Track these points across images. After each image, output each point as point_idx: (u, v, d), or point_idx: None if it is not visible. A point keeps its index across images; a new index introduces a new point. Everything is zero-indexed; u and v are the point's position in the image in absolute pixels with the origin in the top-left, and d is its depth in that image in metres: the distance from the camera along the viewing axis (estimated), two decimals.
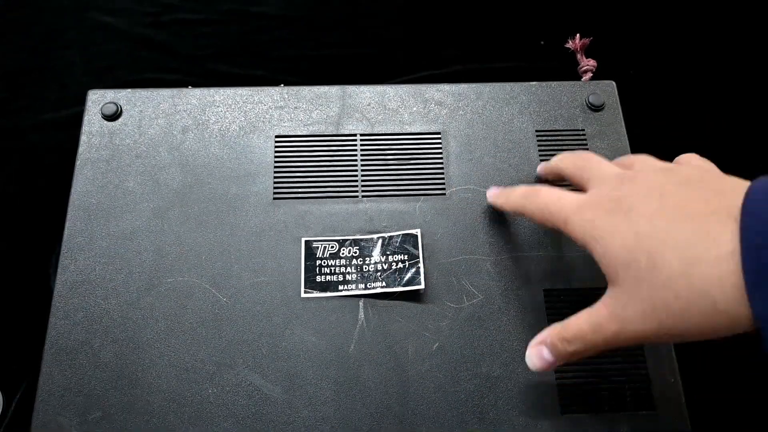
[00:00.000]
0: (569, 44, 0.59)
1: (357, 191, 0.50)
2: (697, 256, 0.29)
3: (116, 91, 0.53)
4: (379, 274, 0.46)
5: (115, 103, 0.52)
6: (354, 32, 0.72)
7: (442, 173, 0.50)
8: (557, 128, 0.52)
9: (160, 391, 0.43)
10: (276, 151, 0.51)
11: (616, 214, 0.34)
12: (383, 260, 0.47)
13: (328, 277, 0.46)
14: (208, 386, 0.43)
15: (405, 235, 0.47)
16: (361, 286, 0.46)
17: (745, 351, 0.56)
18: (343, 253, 0.47)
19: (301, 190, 0.50)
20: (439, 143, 0.52)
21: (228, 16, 0.73)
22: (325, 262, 0.47)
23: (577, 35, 0.58)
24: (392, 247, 0.47)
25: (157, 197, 0.49)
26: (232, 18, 0.73)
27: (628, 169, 0.38)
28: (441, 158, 0.51)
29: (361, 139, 0.52)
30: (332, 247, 0.47)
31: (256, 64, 0.70)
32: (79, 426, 0.42)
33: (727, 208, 0.30)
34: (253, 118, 0.52)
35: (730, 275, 0.28)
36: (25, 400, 0.52)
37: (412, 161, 0.51)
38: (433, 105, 0.53)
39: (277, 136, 0.52)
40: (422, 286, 0.46)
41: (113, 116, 0.52)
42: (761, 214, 0.28)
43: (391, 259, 0.47)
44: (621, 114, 0.53)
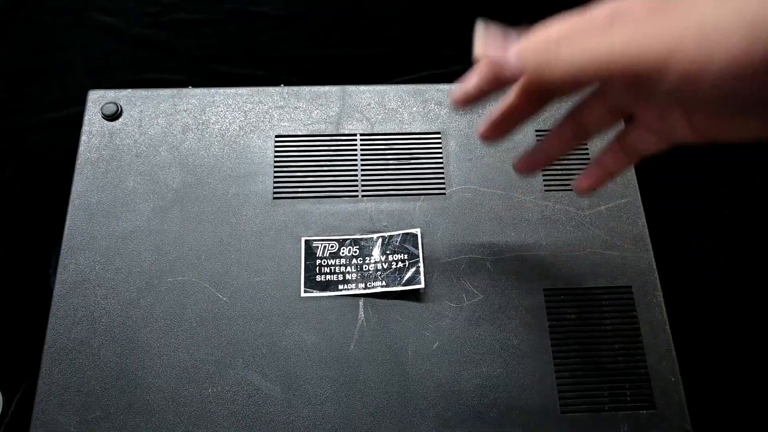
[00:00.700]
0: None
1: (357, 191, 0.50)
2: None
3: (116, 91, 0.53)
4: (379, 274, 0.46)
5: (116, 103, 0.52)
6: (354, 32, 0.73)
7: (442, 173, 0.50)
8: None
9: (160, 390, 0.43)
10: (276, 151, 0.51)
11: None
12: (383, 260, 0.47)
13: (328, 277, 0.46)
14: (208, 386, 0.43)
15: (405, 234, 0.47)
16: (361, 286, 0.46)
17: (745, 351, 0.56)
18: (343, 253, 0.47)
19: (301, 190, 0.50)
20: (439, 143, 0.52)
21: (228, 16, 0.73)
22: (325, 262, 0.47)
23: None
24: (392, 247, 0.47)
25: (157, 197, 0.49)
26: (232, 18, 0.73)
27: None
28: (441, 158, 0.51)
29: (361, 139, 0.52)
30: (332, 247, 0.47)
31: (256, 64, 0.70)
32: (79, 425, 0.42)
33: None
34: (253, 118, 0.52)
35: None
36: (25, 400, 0.52)
37: (412, 161, 0.51)
38: (433, 105, 0.53)
39: (277, 136, 0.52)
40: (422, 286, 0.45)
41: (113, 116, 0.52)
42: None
43: (391, 258, 0.47)
44: None
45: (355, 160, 0.51)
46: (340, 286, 0.46)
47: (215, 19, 0.73)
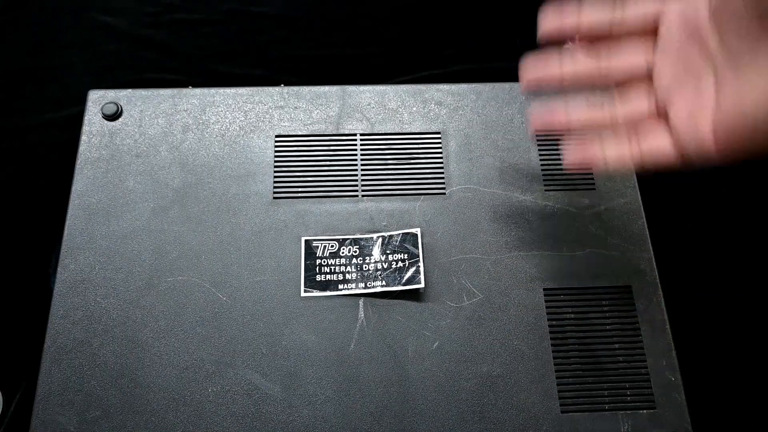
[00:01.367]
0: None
1: (357, 191, 0.50)
2: None
3: (116, 91, 0.53)
4: (379, 273, 0.46)
5: (116, 103, 0.52)
6: (354, 32, 0.73)
7: (442, 173, 0.50)
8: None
9: (160, 390, 0.43)
10: (276, 151, 0.51)
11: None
12: (383, 259, 0.47)
13: (328, 276, 0.46)
14: (208, 385, 0.43)
15: (405, 234, 0.47)
16: (361, 285, 0.46)
17: (745, 350, 0.56)
18: (343, 253, 0.47)
19: (301, 190, 0.50)
20: (439, 143, 0.52)
21: (228, 16, 0.73)
22: (325, 262, 0.47)
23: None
24: (392, 246, 0.47)
25: (157, 197, 0.49)
26: (232, 18, 0.73)
27: None
28: (441, 158, 0.51)
29: (361, 139, 0.52)
30: (332, 247, 0.47)
31: (256, 64, 0.70)
32: (79, 425, 0.42)
33: None
34: (253, 118, 0.52)
35: None
36: (25, 400, 0.52)
37: (412, 161, 0.51)
38: (433, 105, 0.53)
39: (277, 136, 0.52)
40: (422, 285, 0.46)
41: (113, 116, 0.52)
42: None
43: (391, 258, 0.47)
44: None
45: (355, 160, 0.51)
46: (340, 286, 0.46)
47: (215, 19, 0.73)
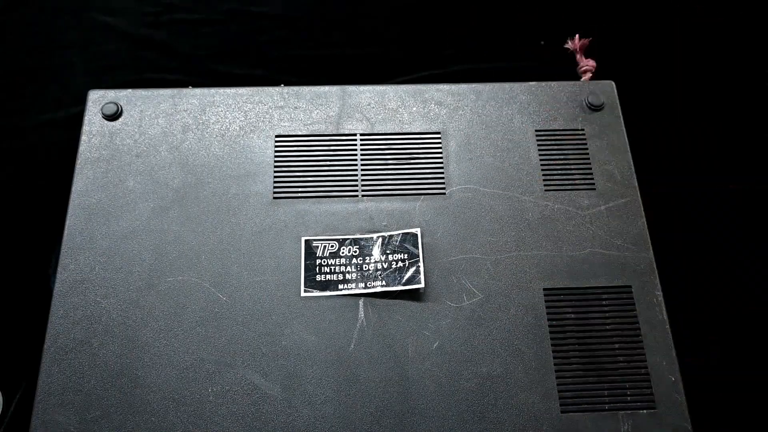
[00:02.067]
0: (569, 44, 0.59)
1: (357, 191, 0.50)
2: None
3: (116, 91, 0.53)
4: (379, 273, 0.46)
5: (116, 103, 0.52)
6: (354, 32, 0.73)
7: (442, 173, 0.50)
8: (557, 128, 0.52)
9: (160, 389, 0.43)
10: (276, 151, 0.51)
11: None
12: (383, 259, 0.47)
13: (328, 276, 0.46)
14: (208, 385, 0.43)
15: (405, 234, 0.47)
16: (361, 285, 0.46)
17: (745, 350, 0.56)
18: (343, 252, 0.47)
19: (301, 190, 0.50)
20: (439, 143, 0.52)
21: (228, 16, 0.73)
22: (325, 261, 0.47)
23: (577, 35, 0.58)
24: (392, 246, 0.47)
25: (157, 197, 0.49)
26: (232, 18, 0.73)
27: None
28: (441, 158, 0.51)
29: (361, 139, 0.52)
30: (332, 246, 0.47)
31: (256, 64, 0.70)
32: (79, 425, 0.42)
33: None
34: (253, 118, 0.52)
35: None
36: (25, 400, 0.52)
37: (412, 161, 0.51)
38: (433, 105, 0.53)
39: (277, 136, 0.52)
40: (422, 285, 0.46)
41: (113, 116, 0.52)
42: None
43: (391, 258, 0.47)
44: (620, 114, 0.53)
45: (355, 160, 0.51)
46: (340, 286, 0.46)
47: (215, 19, 0.73)
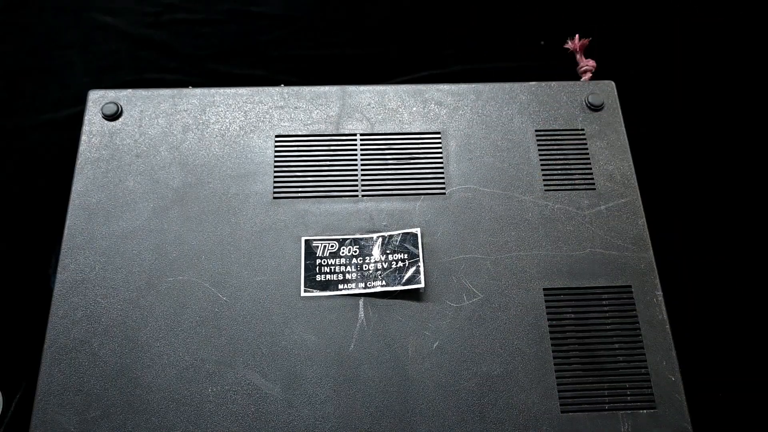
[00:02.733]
0: (569, 44, 0.59)
1: (357, 191, 0.50)
2: None
3: (116, 91, 0.53)
4: (379, 273, 0.46)
5: (116, 103, 0.52)
6: (354, 32, 0.73)
7: (442, 173, 0.50)
8: (557, 128, 0.52)
9: (160, 389, 0.43)
10: (276, 151, 0.51)
11: None
12: (383, 259, 0.47)
13: (328, 276, 0.46)
14: (208, 385, 0.43)
15: (405, 234, 0.47)
16: (361, 285, 0.46)
17: (745, 350, 0.56)
18: (343, 252, 0.47)
19: (301, 190, 0.50)
20: (439, 143, 0.52)
21: (228, 16, 0.73)
22: (325, 261, 0.47)
23: (577, 35, 0.59)
24: (392, 246, 0.47)
25: (157, 196, 0.49)
26: (232, 18, 0.73)
27: None
28: (441, 158, 0.51)
29: (361, 139, 0.52)
30: (332, 246, 0.47)
31: (256, 64, 0.70)
32: (79, 425, 0.42)
33: None
34: (253, 118, 0.52)
35: None
36: (25, 400, 0.52)
37: (412, 161, 0.51)
38: (433, 105, 0.53)
39: (277, 136, 0.52)
40: (422, 285, 0.46)
41: (113, 116, 0.52)
42: None
43: (391, 258, 0.47)
44: (620, 114, 0.53)
45: (355, 160, 0.51)
46: (340, 286, 0.46)
47: (215, 19, 0.73)
